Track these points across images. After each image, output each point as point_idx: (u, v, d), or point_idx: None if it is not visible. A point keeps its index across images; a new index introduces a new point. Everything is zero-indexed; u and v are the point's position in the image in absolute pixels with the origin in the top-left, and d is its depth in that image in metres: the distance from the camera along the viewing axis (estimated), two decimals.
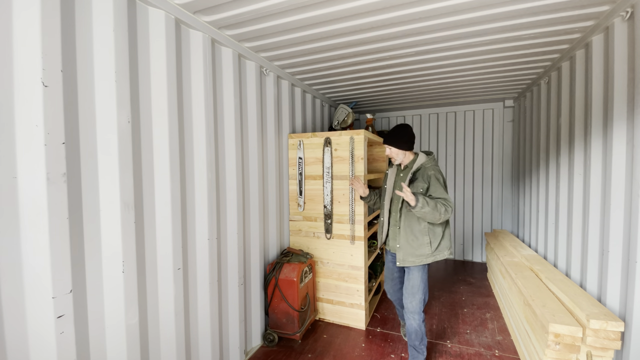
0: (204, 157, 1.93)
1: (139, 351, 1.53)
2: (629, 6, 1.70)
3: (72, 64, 1.27)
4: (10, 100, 1.10)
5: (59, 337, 1.19)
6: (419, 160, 2.10)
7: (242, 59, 2.35)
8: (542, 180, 3.04)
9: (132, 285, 1.48)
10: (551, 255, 2.75)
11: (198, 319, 1.95)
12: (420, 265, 2.04)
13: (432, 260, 2.02)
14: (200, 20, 1.88)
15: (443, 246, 2.06)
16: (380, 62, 2.66)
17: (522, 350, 2.25)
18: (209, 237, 1.96)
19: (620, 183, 1.82)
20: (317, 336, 2.63)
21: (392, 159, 2.18)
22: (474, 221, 4.58)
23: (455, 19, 1.92)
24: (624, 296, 1.75)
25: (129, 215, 1.46)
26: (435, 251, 2.03)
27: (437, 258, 2.03)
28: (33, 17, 1.12)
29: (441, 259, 2.05)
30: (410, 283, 2.06)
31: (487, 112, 4.42)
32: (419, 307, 2.04)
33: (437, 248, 2.03)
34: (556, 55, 2.54)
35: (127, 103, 1.45)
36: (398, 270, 2.26)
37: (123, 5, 1.44)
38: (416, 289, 2.04)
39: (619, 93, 1.83)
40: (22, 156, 1.13)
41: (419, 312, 2.04)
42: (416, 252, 2.03)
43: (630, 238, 1.70)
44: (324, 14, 1.85)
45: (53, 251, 1.17)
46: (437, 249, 2.03)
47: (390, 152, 2.15)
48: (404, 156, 2.15)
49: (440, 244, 2.05)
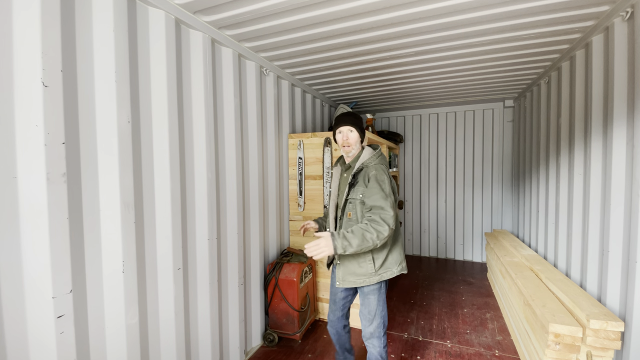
0: (204, 157, 1.93)
1: (139, 351, 1.53)
2: (629, 6, 1.70)
3: (72, 64, 1.27)
4: (10, 100, 1.10)
5: (59, 337, 1.19)
6: (363, 156, 1.67)
7: (242, 59, 2.35)
8: (542, 180, 3.04)
9: (132, 285, 1.48)
10: (551, 255, 2.75)
11: (198, 319, 1.95)
12: (374, 286, 1.66)
13: (377, 280, 1.63)
14: (200, 20, 1.88)
15: (390, 262, 1.67)
16: (380, 62, 2.66)
17: (522, 350, 2.25)
18: (209, 237, 1.96)
19: (620, 183, 1.82)
20: (317, 336, 2.63)
21: (345, 149, 1.71)
22: (474, 221, 4.58)
23: (455, 19, 1.92)
24: (624, 296, 1.75)
25: (129, 215, 1.46)
26: (381, 269, 1.64)
27: (384, 277, 1.65)
28: (33, 17, 1.12)
29: (389, 277, 1.66)
30: (367, 308, 1.69)
31: (487, 112, 4.42)
32: (379, 332, 1.69)
33: (382, 265, 1.64)
34: (556, 55, 2.54)
35: (127, 103, 1.45)
36: (342, 292, 1.80)
37: (123, 5, 1.44)
38: (373, 314, 1.68)
39: (619, 93, 1.83)
40: (22, 156, 1.13)
41: (378, 337, 1.70)
42: (357, 270, 1.64)
43: (630, 238, 1.70)
44: (324, 14, 1.85)
45: (53, 251, 1.17)
46: (382, 267, 1.64)
47: (349, 138, 1.68)
48: (357, 148, 1.72)
49: (387, 260, 1.66)
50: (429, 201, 4.82)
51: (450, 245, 4.73)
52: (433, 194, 4.79)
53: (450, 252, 4.74)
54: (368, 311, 1.70)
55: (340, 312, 1.84)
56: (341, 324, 1.88)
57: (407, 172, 4.92)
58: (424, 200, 4.85)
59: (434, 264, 4.49)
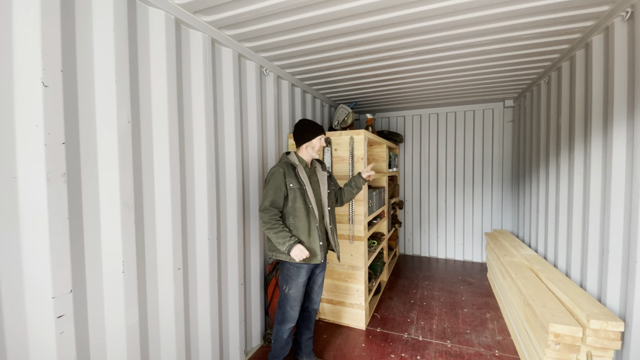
0: (204, 157, 1.93)
1: (139, 351, 1.53)
2: (629, 6, 1.70)
3: (72, 64, 1.27)
4: (10, 100, 1.10)
5: (59, 337, 1.19)
6: (313, 155, 2.07)
7: (242, 59, 2.35)
8: (542, 180, 3.04)
9: (132, 285, 1.48)
10: (551, 255, 2.75)
11: (198, 319, 1.95)
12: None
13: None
14: (200, 20, 1.88)
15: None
16: (380, 62, 2.66)
17: (522, 350, 2.25)
18: (209, 237, 1.96)
19: (620, 183, 1.82)
20: (317, 336, 2.62)
21: (319, 152, 2.06)
22: (474, 221, 4.58)
23: (455, 19, 1.92)
24: (624, 296, 1.75)
25: (129, 215, 1.46)
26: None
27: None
28: (33, 17, 1.12)
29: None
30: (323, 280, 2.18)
31: (487, 112, 4.42)
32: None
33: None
34: (556, 55, 2.54)
35: (127, 103, 1.45)
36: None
37: (123, 5, 1.44)
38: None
39: (619, 93, 1.83)
40: (22, 156, 1.13)
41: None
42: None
43: (630, 238, 1.70)
44: (324, 14, 1.85)
45: (53, 251, 1.17)
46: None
47: (323, 144, 2.05)
48: None
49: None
50: (429, 201, 4.82)
51: (450, 245, 4.73)
52: (433, 194, 4.79)
53: (450, 252, 4.74)
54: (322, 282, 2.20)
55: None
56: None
57: (407, 172, 4.92)
58: (423, 200, 4.85)
59: (434, 264, 4.49)
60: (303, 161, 2.04)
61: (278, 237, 1.82)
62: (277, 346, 2.04)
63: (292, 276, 1.95)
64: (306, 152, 2.03)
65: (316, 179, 2.07)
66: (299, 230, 1.91)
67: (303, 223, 1.91)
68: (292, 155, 2.03)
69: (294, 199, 1.91)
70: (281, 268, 2.01)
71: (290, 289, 1.96)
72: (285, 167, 1.93)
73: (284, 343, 2.03)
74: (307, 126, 2.02)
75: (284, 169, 1.91)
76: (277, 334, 2.02)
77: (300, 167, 1.98)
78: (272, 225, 1.83)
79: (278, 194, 1.87)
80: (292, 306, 1.98)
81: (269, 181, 1.90)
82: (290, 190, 1.90)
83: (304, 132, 2.01)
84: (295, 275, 1.95)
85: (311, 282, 2.11)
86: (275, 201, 1.87)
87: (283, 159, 2.02)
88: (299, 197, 1.91)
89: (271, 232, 1.84)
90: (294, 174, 1.94)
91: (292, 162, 1.99)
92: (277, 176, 1.88)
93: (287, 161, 1.99)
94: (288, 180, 1.90)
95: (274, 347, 2.06)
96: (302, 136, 2.01)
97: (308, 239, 1.92)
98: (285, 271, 1.98)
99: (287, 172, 1.91)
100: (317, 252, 1.93)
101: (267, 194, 1.87)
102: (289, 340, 2.06)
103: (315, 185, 2.04)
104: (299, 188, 1.92)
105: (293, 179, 1.92)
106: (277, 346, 2.04)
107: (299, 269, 1.95)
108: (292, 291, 1.96)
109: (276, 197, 1.87)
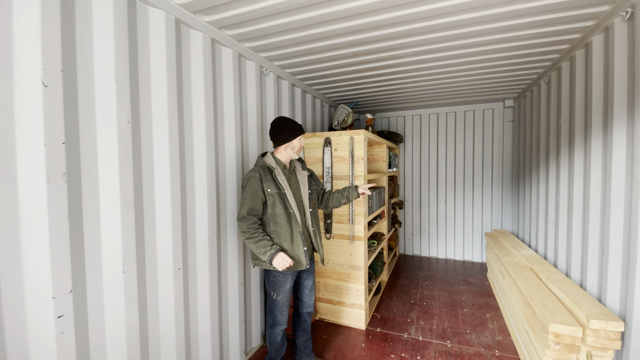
0: (204, 157, 1.93)
1: (139, 351, 1.53)
2: (629, 6, 1.70)
3: (72, 64, 1.27)
4: (10, 100, 1.10)
5: (59, 337, 1.19)
6: (293, 156, 1.97)
7: (242, 59, 2.35)
8: (542, 180, 3.04)
9: (132, 285, 1.48)
10: (551, 255, 2.75)
11: (198, 319, 1.95)
12: None
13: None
14: (200, 20, 1.88)
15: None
16: (380, 62, 2.66)
17: (522, 350, 2.25)
18: (209, 237, 1.96)
19: (620, 183, 1.82)
20: (317, 336, 2.62)
21: (298, 152, 1.96)
22: (474, 221, 4.58)
23: (455, 19, 1.93)
24: (624, 296, 1.75)
25: (129, 215, 1.46)
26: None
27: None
28: (33, 17, 1.12)
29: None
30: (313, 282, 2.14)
31: (487, 112, 4.42)
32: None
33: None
34: (556, 55, 2.54)
35: (127, 103, 1.45)
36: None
37: (123, 5, 1.44)
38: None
39: (619, 93, 1.83)
40: (22, 156, 1.13)
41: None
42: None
43: (630, 238, 1.70)
44: (324, 14, 1.85)
45: (53, 251, 1.17)
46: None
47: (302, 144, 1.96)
48: None
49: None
50: (429, 201, 4.82)
51: (450, 245, 4.73)
52: (433, 194, 4.79)
53: (450, 252, 4.74)
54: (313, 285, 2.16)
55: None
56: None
57: (407, 172, 4.92)
58: (423, 200, 4.85)
59: (434, 264, 4.49)
60: (281, 163, 1.93)
61: (258, 246, 1.74)
62: (272, 349, 2.06)
63: (278, 283, 1.92)
64: (285, 153, 1.92)
65: (296, 180, 1.97)
66: (280, 237, 1.82)
67: (285, 229, 1.82)
68: (268, 157, 1.91)
69: (274, 205, 1.82)
70: (267, 275, 1.97)
71: (277, 295, 1.93)
72: (262, 171, 1.83)
73: (278, 345, 2.04)
74: (286, 126, 1.90)
75: (260, 174, 1.81)
76: (271, 337, 2.03)
77: (278, 169, 1.88)
78: (252, 235, 1.75)
79: (255, 201, 1.78)
80: (282, 311, 1.97)
81: (245, 187, 1.80)
82: (268, 196, 1.80)
83: (282, 132, 1.88)
84: (282, 282, 1.91)
85: (301, 287, 2.08)
86: (253, 208, 1.78)
87: (259, 161, 1.92)
88: (278, 202, 1.82)
89: (251, 241, 1.75)
90: (272, 178, 1.83)
91: (269, 165, 1.88)
92: (252, 182, 1.78)
93: (263, 164, 1.88)
94: (265, 185, 1.79)
95: (269, 350, 2.07)
96: (280, 136, 1.88)
97: (291, 246, 1.84)
98: (271, 278, 1.93)
99: (264, 177, 1.81)
100: (301, 258, 1.85)
101: (244, 202, 1.78)
102: (283, 341, 2.07)
103: (295, 187, 1.94)
104: (277, 193, 1.82)
105: (271, 184, 1.81)
106: (272, 349, 2.06)
107: (284, 275, 1.91)
108: (280, 297, 1.93)
109: (254, 204, 1.78)
